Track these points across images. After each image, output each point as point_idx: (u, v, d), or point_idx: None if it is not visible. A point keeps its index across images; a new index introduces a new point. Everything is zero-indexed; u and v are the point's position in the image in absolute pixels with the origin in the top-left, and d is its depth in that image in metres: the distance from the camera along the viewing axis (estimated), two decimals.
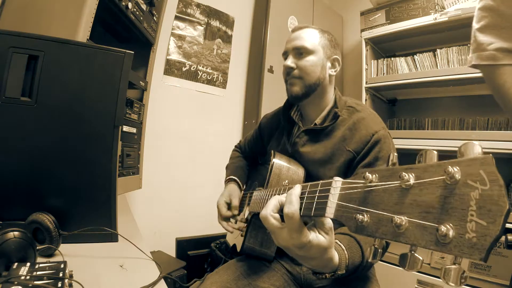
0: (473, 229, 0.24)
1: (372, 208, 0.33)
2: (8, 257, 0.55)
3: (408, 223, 0.29)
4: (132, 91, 1.36)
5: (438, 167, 0.28)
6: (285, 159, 0.87)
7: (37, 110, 0.72)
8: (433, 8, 1.79)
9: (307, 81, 0.87)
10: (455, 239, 0.25)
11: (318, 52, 0.87)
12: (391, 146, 0.81)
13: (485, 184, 0.24)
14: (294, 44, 0.88)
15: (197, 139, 2.05)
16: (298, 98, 0.89)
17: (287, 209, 0.46)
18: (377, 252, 0.35)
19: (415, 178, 0.29)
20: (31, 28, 0.95)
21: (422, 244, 0.27)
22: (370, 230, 0.33)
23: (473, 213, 0.24)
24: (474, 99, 1.98)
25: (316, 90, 0.88)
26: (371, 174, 0.35)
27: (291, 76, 0.88)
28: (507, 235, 0.95)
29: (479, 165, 0.25)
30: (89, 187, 0.78)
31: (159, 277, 0.66)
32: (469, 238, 0.24)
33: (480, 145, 0.26)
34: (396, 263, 1.68)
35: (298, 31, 0.90)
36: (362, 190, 0.35)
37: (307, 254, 0.48)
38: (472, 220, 0.24)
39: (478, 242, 0.23)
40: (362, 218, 0.33)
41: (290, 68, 0.87)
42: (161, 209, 1.88)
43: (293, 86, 0.88)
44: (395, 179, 0.31)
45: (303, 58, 0.87)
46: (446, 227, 0.25)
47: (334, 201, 0.40)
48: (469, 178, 0.25)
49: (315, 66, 0.86)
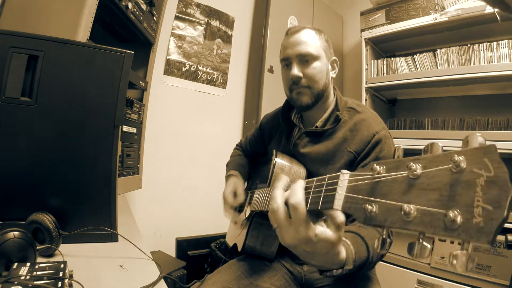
0: (480, 214, 0.24)
1: (380, 198, 0.34)
2: (8, 257, 0.55)
3: (416, 211, 0.29)
4: (132, 91, 1.36)
5: (444, 156, 0.29)
6: (287, 158, 0.87)
7: (37, 110, 0.72)
8: (433, 8, 1.79)
9: (316, 89, 0.85)
10: (463, 224, 0.25)
11: (322, 56, 0.86)
12: (392, 146, 0.82)
13: (489, 171, 0.25)
14: (298, 51, 0.84)
15: (197, 139, 2.05)
16: (309, 107, 0.87)
17: (292, 200, 0.45)
18: (385, 241, 0.35)
19: (422, 168, 0.30)
20: (31, 28, 0.95)
21: (431, 231, 0.28)
22: (379, 220, 0.33)
23: (479, 198, 0.25)
24: (474, 99, 1.98)
25: (323, 96, 0.88)
26: (379, 166, 0.35)
27: (300, 85, 0.85)
28: (507, 235, 0.95)
29: (483, 153, 0.25)
30: (89, 187, 0.78)
31: (159, 277, 0.66)
32: (476, 222, 0.24)
33: (483, 137, 0.27)
34: (397, 263, 1.68)
35: (296, 34, 0.86)
36: (370, 181, 0.36)
37: (314, 249, 0.47)
38: (479, 205, 0.25)
39: (485, 226, 0.24)
40: (371, 209, 0.34)
41: (298, 78, 0.84)
42: (161, 209, 1.88)
43: (303, 96, 0.85)
44: (403, 170, 0.32)
45: (309, 65, 0.84)
46: (454, 213, 0.26)
47: (342, 193, 0.40)
48: (474, 166, 0.26)
49: (321, 72, 0.85)
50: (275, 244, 0.89)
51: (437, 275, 1.60)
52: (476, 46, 1.71)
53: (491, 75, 1.60)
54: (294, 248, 0.49)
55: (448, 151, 0.29)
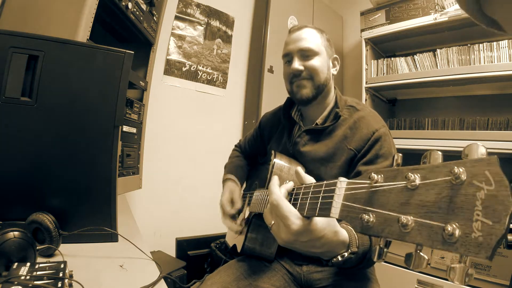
0: (479, 228, 0.24)
1: (378, 208, 0.33)
2: (8, 257, 0.55)
3: (414, 223, 0.29)
4: (132, 91, 1.36)
5: (444, 167, 0.28)
6: (285, 159, 0.87)
7: (37, 110, 0.72)
8: (433, 8, 1.79)
9: (317, 81, 0.86)
10: (461, 238, 0.25)
11: (322, 53, 0.87)
12: (391, 143, 0.82)
13: (490, 184, 0.24)
14: (299, 46, 0.86)
15: (197, 139, 2.05)
16: (309, 100, 0.87)
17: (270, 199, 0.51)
18: (382, 251, 0.35)
19: (420, 178, 0.30)
20: (31, 28, 0.95)
21: (429, 244, 0.27)
22: (376, 230, 0.33)
23: (479, 212, 0.24)
24: (474, 99, 1.98)
25: (324, 91, 0.88)
26: (377, 174, 0.35)
27: (301, 77, 0.86)
28: (507, 235, 0.96)
29: (484, 165, 0.25)
30: (89, 187, 0.78)
31: (159, 277, 0.66)
32: (475, 237, 0.24)
33: (484, 146, 0.26)
34: (396, 263, 1.69)
35: (297, 31, 0.89)
36: (368, 190, 0.36)
37: (310, 236, 0.49)
38: (478, 220, 0.24)
39: (484, 241, 0.24)
40: (368, 218, 0.34)
41: (299, 71, 0.85)
42: (161, 209, 1.88)
43: (303, 88, 0.86)
44: (401, 180, 0.32)
45: (310, 59, 0.86)
46: (453, 227, 0.25)
47: (339, 201, 0.40)
48: (474, 178, 0.25)
49: (323, 66, 0.86)
50: (274, 245, 0.89)
51: (437, 275, 1.60)
52: (476, 46, 1.71)
53: (491, 75, 1.60)
54: (293, 243, 0.50)
55: (448, 162, 0.28)
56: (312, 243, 0.50)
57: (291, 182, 0.56)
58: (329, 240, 0.51)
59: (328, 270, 0.85)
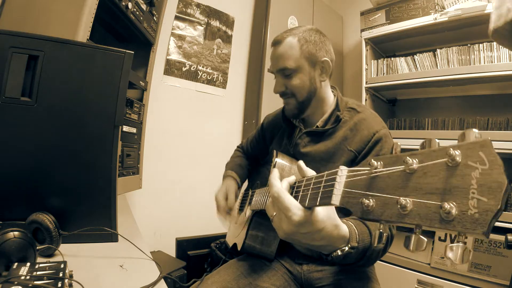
0: (475, 206, 0.25)
1: (377, 192, 0.34)
2: (8, 257, 0.55)
3: (412, 204, 0.30)
4: (132, 91, 1.36)
5: (440, 151, 0.29)
6: (287, 159, 0.87)
7: (37, 110, 0.72)
8: (433, 8, 1.79)
9: (299, 98, 0.87)
10: (458, 216, 0.26)
11: (303, 66, 0.85)
12: (392, 145, 0.82)
13: (484, 164, 0.25)
14: (277, 66, 0.87)
15: (197, 139, 2.05)
16: (295, 115, 0.92)
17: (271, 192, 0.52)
18: (382, 235, 0.36)
19: (418, 162, 0.31)
20: (31, 28, 0.95)
21: (427, 224, 0.28)
22: (376, 214, 0.34)
23: (474, 191, 0.25)
24: (474, 99, 1.98)
25: (311, 102, 0.89)
26: (376, 161, 0.36)
27: (285, 96, 0.90)
28: (507, 235, 0.95)
29: (478, 147, 0.26)
30: (89, 187, 0.78)
31: (159, 277, 0.66)
32: (471, 214, 0.25)
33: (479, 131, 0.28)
34: (397, 263, 1.68)
35: (275, 46, 0.87)
36: (368, 176, 0.36)
37: (310, 229, 0.49)
38: (474, 198, 0.25)
39: (480, 218, 0.24)
40: (368, 203, 0.35)
41: (279, 92, 0.89)
42: (161, 209, 1.88)
43: (288, 105, 0.91)
44: (400, 164, 0.33)
45: (290, 78, 0.86)
46: (450, 205, 0.26)
47: (340, 188, 0.41)
48: (469, 159, 0.26)
49: (303, 82, 0.86)
50: (275, 243, 0.89)
51: (437, 275, 1.60)
52: (476, 46, 1.71)
53: (491, 75, 1.60)
54: (293, 235, 0.51)
55: (444, 146, 0.29)
56: (313, 235, 0.50)
57: (293, 176, 0.56)
58: (329, 233, 0.51)
59: (329, 269, 0.85)
